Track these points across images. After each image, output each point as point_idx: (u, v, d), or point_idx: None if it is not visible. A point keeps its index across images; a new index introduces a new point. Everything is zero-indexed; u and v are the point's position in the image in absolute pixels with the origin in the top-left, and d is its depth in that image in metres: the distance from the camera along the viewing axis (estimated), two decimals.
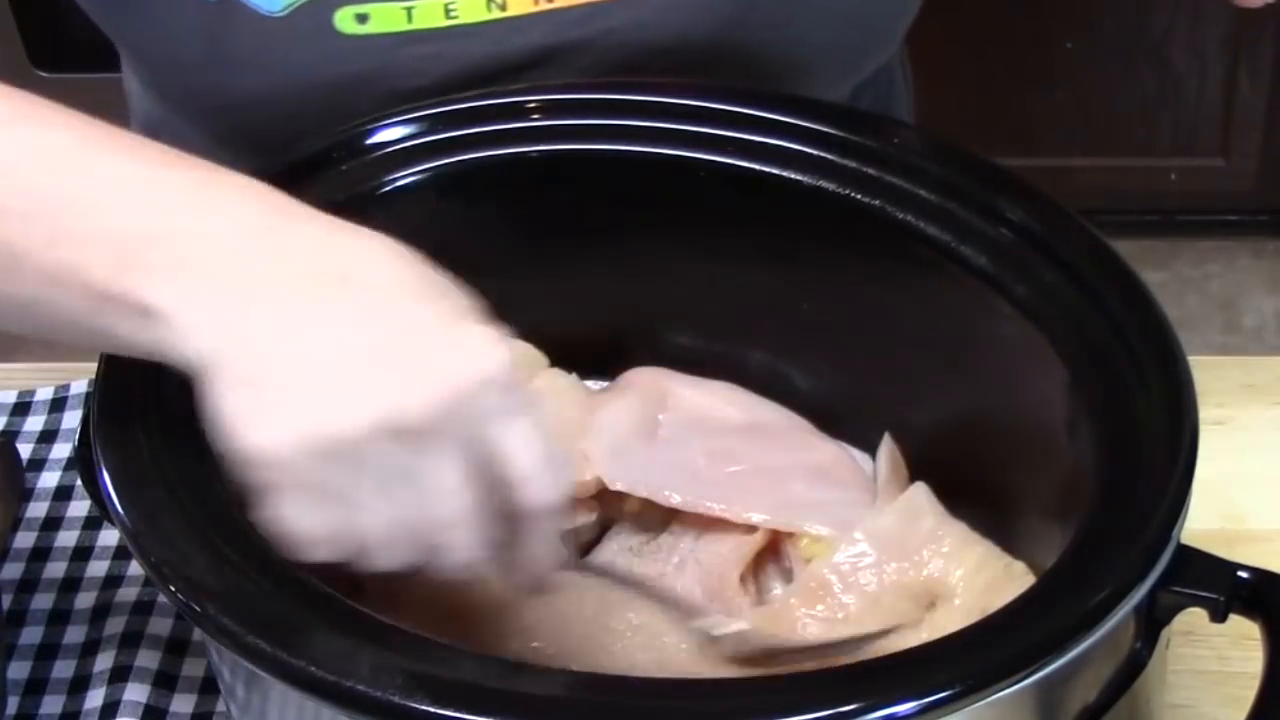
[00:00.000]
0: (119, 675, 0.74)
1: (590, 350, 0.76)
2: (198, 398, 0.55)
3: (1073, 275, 0.65)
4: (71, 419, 0.88)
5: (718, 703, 0.53)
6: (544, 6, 0.77)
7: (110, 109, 0.85)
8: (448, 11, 0.76)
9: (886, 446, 0.73)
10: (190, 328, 0.54)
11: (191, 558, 0.56)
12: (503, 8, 0.76)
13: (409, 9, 0.76)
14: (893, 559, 0.66)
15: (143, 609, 0.77)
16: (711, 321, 0.76)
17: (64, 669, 0.76)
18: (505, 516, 0.56)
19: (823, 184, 0.71)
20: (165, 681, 0.74)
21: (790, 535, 0.70)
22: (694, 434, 0.73)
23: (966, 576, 0.65)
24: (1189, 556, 0.57)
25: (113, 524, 0.59)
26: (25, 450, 0.86)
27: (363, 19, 0.76)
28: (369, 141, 0.73)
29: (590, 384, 0.76)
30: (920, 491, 0.69)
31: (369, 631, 0.54)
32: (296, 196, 0.70)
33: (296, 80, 0.77)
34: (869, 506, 0.70)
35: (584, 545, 0.73)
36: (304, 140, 0.73)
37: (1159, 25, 2.00)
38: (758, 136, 0.72)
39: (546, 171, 0.74)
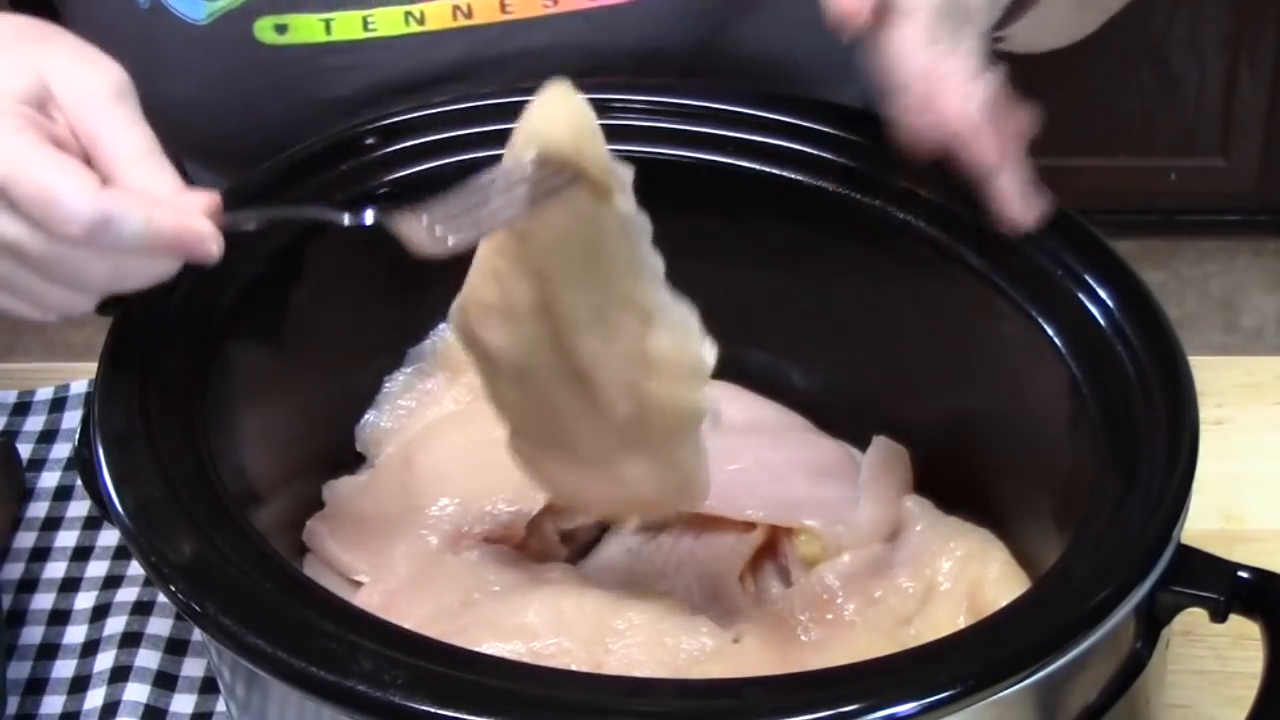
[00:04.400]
0: (119, 675, 0.74)
1: None
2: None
3: (1073, 275, 0.65)
4: (71, 419, 0.88)
5: (718, 703, 0.53)
6: (462, 23, 0.78)
7: None
8: (366, 24, 0.78)
9: (879, 447, 0.73)
10: None
11: (191, 558, 0.56)
12: (420, 22, 0.78)
13: (327, 21, 0.78)
14: (888, 564, 0.66)
15: (143, 609, 0.77)
16: (711, 321, 0.76)
17: (64, 669, 0.76)
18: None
19: (823, 184, 0.71)
20: (165, 681, 0.74)
21: (788, 534, 0.70)
22: None
23: (956, 566, 0.65)
24: (1189, 556, 0.57)
25: (113, 524, 0.59)
26: (25, 450, 0.87)
27: (282, 29, 0.78)
28: (369, 141, 0.73)
29: None
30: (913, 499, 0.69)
31: (369, 631, 0.54)
32: (296, 196, 0.70)
33: (219, 87, 0.79)
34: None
35: (584, 545, 0.73)
36: (304, 140, 0.73)
37: (1159, 25, 2.00)
38: (758, 136, 0.72)
39: None
